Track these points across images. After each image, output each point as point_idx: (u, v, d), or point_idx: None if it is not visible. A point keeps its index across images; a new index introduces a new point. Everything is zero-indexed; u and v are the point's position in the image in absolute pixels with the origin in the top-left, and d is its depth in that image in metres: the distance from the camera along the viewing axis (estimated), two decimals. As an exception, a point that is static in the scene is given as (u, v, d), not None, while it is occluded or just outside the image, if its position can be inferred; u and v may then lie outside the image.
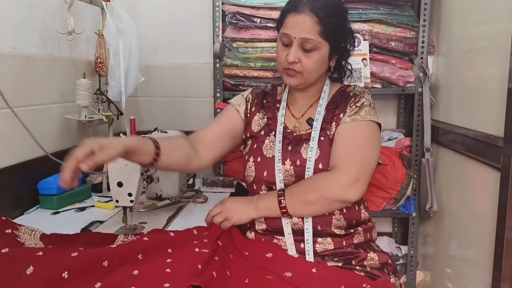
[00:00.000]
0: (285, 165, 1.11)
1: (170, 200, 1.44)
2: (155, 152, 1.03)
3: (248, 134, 1.21)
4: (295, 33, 1.08)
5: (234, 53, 1.74)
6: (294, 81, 1.13)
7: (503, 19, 1.19)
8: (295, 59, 1.09)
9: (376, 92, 1.71)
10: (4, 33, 1.24)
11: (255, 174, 1.15)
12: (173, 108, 2.01)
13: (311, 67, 1.10)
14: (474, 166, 1.33)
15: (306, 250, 1.06)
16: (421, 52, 1.69)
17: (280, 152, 1.12)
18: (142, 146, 1.02)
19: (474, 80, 1.37)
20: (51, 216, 1.31)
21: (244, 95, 1.28)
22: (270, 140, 1.17)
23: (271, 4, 1.67)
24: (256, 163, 1.16)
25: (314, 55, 1.10)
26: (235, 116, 1.24)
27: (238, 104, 1.25)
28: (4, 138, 1.23)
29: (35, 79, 1.38)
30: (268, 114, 1.21)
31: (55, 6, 1.46)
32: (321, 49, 1.09)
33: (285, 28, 1.10)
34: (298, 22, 1.08)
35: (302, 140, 1.14)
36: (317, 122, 1.13)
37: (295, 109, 1.21)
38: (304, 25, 1.07)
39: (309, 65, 1.10)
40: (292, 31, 1.08)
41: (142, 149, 1.01)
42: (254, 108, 1.24)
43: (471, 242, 1.35)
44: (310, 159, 1.09)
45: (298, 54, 1.09)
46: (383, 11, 1.68)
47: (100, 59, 1.61)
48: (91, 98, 1.50)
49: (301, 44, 1.08)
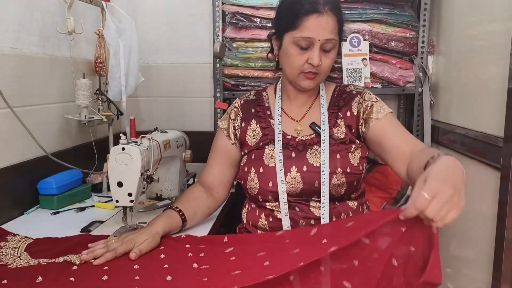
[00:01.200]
0: (290, 172, 1.10)
1: (170, 200, 1.44)
2: (183, 224, 1.12)
3: (246, 151, 1.19)
4: (319, 36, 1.04)
5: (234, 53, 1.74)
6: (313, 83, 1.11)
7: (503, 19, 1.19)
8: (320, 62, 1.06)
9: (376, 92, 1.70)
10: (4, 33, 1.24)
11: (259, 186, 1.12)
12: (173, 108, 2.01)
13: (329, 67, 1.10)
14: (474, 166, 1.33)
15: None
16: (421, 52, 1.69)
17: (281, 162, 1.10)
18: (172, 227, 1.09)
19: (474, 80, 1.37)
20: (51, 216, 1.31)
21: (229, 111, 1.26)
22: (269, 149, 1.14)
23: (271, 4, 1.66)
24: (258, 174, 1.13)
25: (332, 54, 1.09)
26: (228, 145, 1.23)
27: (225, 128, 1.24)
28: (4, 138, 1.23)
29: (35, 79, 1.38)
30: (261, 124, 1.19)
31: (55, 6, 1.46)
32: (336, 47, 1.10)
33: (305, 31, 1.05)
34: (322, 24, 1.04)
35: (307, 145, 1.12)
36: (324, 125, 1.12)
37: (292, 111, 1.19)
38: (328, 26, 1.05)
39: (328, 65, 1.09)
40: (316, 34, 1.04)
41: (172, 228, 1.09)
42: (243, 124, 1.21)
43: (471, 242, 1.35)
44: (324, 162, 1.08)
45: (320, 56, 1.07)
46: (383, 11, 1.68)
47: (100, 59, 1.61)
48: (91, 98, 1.50)
49: (322, 45, 1.06)
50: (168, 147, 1.33)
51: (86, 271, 0.90)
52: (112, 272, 0.89)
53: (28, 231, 1.13)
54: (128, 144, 1.10)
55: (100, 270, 0.90)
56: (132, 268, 0.92)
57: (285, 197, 1.09)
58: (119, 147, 1.10)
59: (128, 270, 0.91)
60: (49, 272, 0.88)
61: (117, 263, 0.94)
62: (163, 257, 0.97)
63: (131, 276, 0.87)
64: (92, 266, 0.92)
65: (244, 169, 1.17)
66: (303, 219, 1.09)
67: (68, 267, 0.91)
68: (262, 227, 1.13)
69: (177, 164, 1.45)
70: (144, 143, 1.15)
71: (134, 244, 0.98)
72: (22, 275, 0.88)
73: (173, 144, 1.39)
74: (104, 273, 0.88)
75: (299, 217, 1.09)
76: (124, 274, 0.89)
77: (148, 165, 1.16)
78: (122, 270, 0.91)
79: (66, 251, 0.99)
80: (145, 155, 1.13)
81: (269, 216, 1.13)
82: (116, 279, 0.87)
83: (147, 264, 0.93)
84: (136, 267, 0.92)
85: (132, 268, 0.92)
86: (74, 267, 0.91)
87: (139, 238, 1.00)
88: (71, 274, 0.88)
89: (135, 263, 0.93)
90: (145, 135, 1.20)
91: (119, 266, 0.92)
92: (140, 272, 0.90)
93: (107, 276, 0.87)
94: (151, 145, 1.18)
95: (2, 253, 0.98)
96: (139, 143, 1.13)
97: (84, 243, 1.02)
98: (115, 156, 1.09)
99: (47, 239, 1.08)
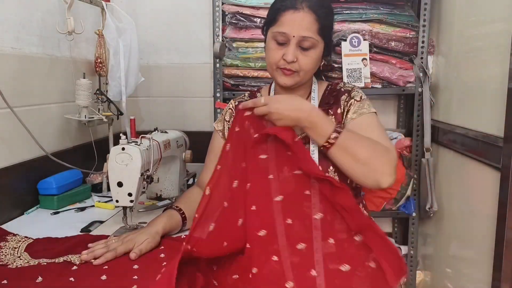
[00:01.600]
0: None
1: (170, 200, 1.44)
2: (183, 223, 1.12)
3: None
4: (293, 32, 1.05)
5: (234, 53, 1.74)
6: (290, 81, 1.11)
7: (503, 19, 1.19)
8: (293, 59, 1.07)
9: (376, 92, 1.71)
10: (4, 33, 1.24)
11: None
12: (173, 108, 2.01)
13: (308, 66, 1.09)
14: (474, 166, 1.33)
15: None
16: (421, 52, 1.69)
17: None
18: (172, 227, 1.09)
19: (474, 80, 1.37)
20: (51, 216, 1.31)
21: (223, 113, 1.27)
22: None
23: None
24: None
25: (312, 53, 1.08)
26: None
27: (220, 130, 1.25)
28: (4, 138, 1.23)
29: (35, 79, 1.38)
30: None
31: (55, 6, 1.46)
32: (318, 47, 1.09)
33: (281, 27, 1.07)
34: (297, 20, 1.05)
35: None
36: None
37: None
38: (303, 22, 1.05)
39: (307, 64, 1.08)
40: (290, 29, 1.06)
41: (172, 228, 1.10)
42: None
43: (471, 242, 1.35)
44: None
45: (296, 53, 1.07)
46: (383, 11, 1.68)
47: (100, 59, 1.61)
48: (91, 98, 1.50)
49: (299, 42, 1.06)
50: (168, 147, 1.33)
51: (86, 271, 0.90)
52: (111, 272, 0.89)
53: (28, 231, 1.13)
54: (128, 144, 1.10)
55: (100, 270, 0.90)
56: (132, 268, 0.92)
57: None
58: (119, 147, 1.10)
59: (127, 270, 0.91)
60: (49, 272, 0.89)
61: (117, 263, 0.94)
62: (163, 256, 0.97)
63: (130, 276, 0.88)
64: (92, 266, 0.92)
65: None
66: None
67: (68, 267, 0.91)
68: None
69: (177, 164, 1.45)
70: (144, 143, 1.15)
71: (134, 244, 0.98)
72: (22, 275, 0.88)
73: (173, 144, 1.39)
74: (104, 272, 0.88)
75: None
76: (123, 274, 0.89)
77: (148, 165, 1.16)
78: (121, 270, 0.91)
79: (66, 251, 0.99)
80: (145, 155, 1.13)
81: None
82: (116, 279, 0.87)
83: (147, 264, 0.93)
84: (136, 267, 0.92)
85: (132, 268, 0.92)
86: (74, 267, 0.91)
87: (139, 238, 1.00)
88: (71, 274, 0.88)
89: (135, 263, 0.93)
90: (145, 135, 1.20)
91: (118, 266, 0.92)
92: (139, 272, 0.90)
93: (105, 276, 0.87)
94: (151, 145, 1.18)
95: (2, 253, 0.98)
96: (139, 143, 1.13)
97: (84, 243, 1.02)
98: (115, 156, 1.09)
99: (47, 239, 1.08)
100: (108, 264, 0.93)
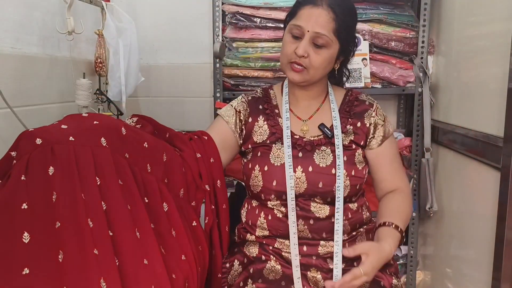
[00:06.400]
0: (296, 172, 1.09)
1: (170, 200, 1.43)
2: None
3: (250, 146, 1.17)
4: (309, 26, 1.04)
5: (234, 53, 1.74)
6: (298, 77, 1.09)
7: (503, 19, 1.20)
8: (304, 53, 1.05)
9: (376, 92, 1.71)
10: (4, 33, 1.24)
11: (262, 184, 1.11)
12: (173, 108, 2.01)
13: (319, 64, 1.07)
14: (474, 166, 1.33)
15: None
16: (421, 52, 1.69)
17: (290, 158, 1.09)
18: None
19: (474, 80, 1.37)
20: (51, 216, 1.30)
21: (233, 104, 1.21)
22: (277, 147, 1.13)
23: (271, 4, 1.67)
24: (263, 172, 1.11)
25: (324, 52, 1.07)
26: (224, 128, 1.18)
27: (227, 115, 1.19)
28: (4, 138, 1.23)
29: (35, 79, 1.38)
30: (268, 122, 1.17)
31: (55, 6, 1.46)
32: (331, 47, 1.07)
33: (298, 20, 1.06)
34: (314, 15, 1.04)
35: (315, 146, 1.11)
36: (337, 129, 1.11)
37: (299, 110, 1.18)
38: (320, 19, 1.04)
39: (317, 61, 1.07)
40: (306, 23, 1.05)
41: None
42: (251, 119, 1.18)
43: (471, 242, 1.35)
44: (340, 167, 1.07)
45: (307, 49, 1.05)
46: (383, 11, 1.68)
47: (100, 59, 1.61)
48: (91, 98, 1.50)
49: (313, 38, 1.05)
50: (168, 147, 1.33)
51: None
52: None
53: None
54: (128, 144, 1.10)
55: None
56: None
57: (293, 192, 1.07)
58: (119, 147, 1.09)
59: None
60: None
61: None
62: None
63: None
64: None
65: (248, 165, 1.15)
66: (302, 218, 1.09)
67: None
68: (261, 225, 1.13)
69: (177, 164, 1.45)
70: (144, 143, 1.15)
71: None
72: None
73: (173, 144, 1.38)
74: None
75: (298, 217, 1.09)
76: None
77: (148, 165, 1.16)
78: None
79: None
80: (145, 155, 1.12)
81: (269, 215, 1.12)
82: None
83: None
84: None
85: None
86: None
87: None
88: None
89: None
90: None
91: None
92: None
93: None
94: (151, 145, 1.17)
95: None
96: (139, 143, 1.13)
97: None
98: (115, 156, 1.09)
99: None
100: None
